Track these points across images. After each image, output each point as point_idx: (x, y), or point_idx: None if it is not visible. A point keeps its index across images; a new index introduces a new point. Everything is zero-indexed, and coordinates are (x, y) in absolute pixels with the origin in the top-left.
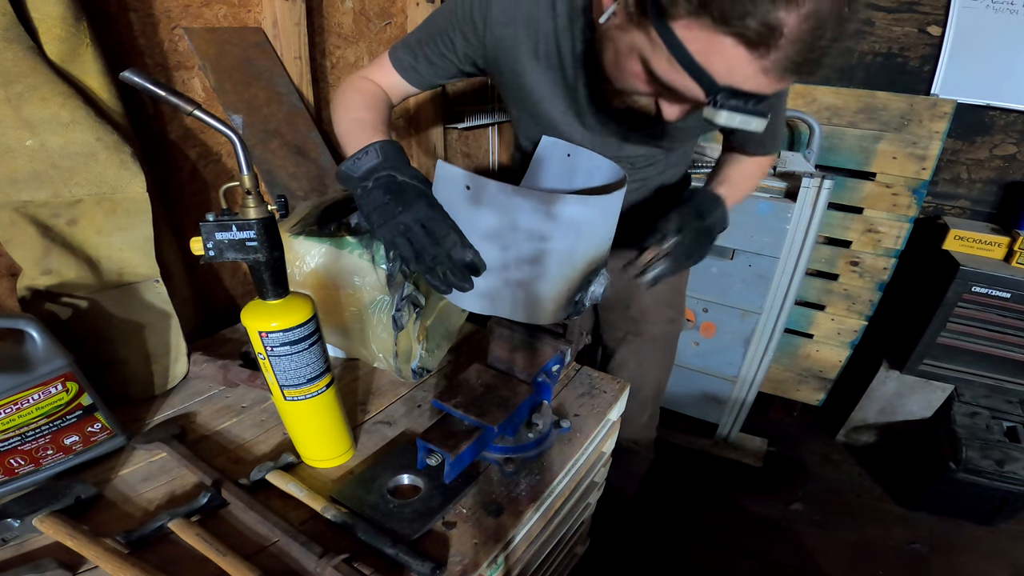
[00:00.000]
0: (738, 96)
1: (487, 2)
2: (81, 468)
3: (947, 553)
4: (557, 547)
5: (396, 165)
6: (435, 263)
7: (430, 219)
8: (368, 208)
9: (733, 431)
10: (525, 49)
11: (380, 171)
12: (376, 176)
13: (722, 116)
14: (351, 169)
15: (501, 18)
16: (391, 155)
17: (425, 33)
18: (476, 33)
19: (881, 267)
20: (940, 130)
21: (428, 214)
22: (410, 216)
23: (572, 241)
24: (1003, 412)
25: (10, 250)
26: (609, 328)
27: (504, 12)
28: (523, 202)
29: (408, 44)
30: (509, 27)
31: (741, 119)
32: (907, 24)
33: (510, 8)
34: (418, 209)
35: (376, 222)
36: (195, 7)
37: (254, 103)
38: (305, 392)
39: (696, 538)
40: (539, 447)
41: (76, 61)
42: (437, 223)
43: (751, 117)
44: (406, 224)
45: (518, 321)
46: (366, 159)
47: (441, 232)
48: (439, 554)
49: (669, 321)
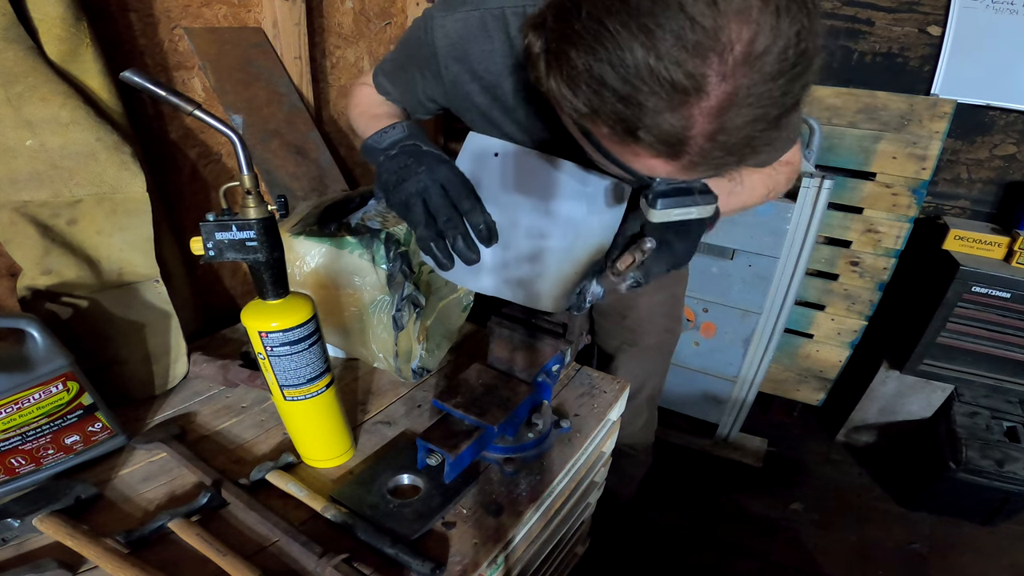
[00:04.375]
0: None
1: (432, 35)
2: (81, 468)
3: (947, 553)
4: (557, 547)
5: (422, 139)
6: (448, 226)
7: (450, 181)
8: (387, 172)
9: (733, 431)
10: (477, 87)
11: (405, 142)
12: (401, 145)
13: (656, 215)
14: (376, 141)
15: (449, 53)
16: (417, 132)
17: (395, 64)
18: (431, 68)
19: (881, 267)
20: (940, 130)
21: (449, 176)
22: (430, 177)
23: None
24: (1003, 412)
25: (10, 250)
26: (605, 335)
27: (451, 47)
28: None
29: (386, 71)
30: (461, 63)
31: (679, 212)
32: (907, 24)
33: (456, 43)
34: (440, 171)
35: (393, 183)
36: (195, 7)
37: (254, 103)
38: (305, 392)
39: (696, 538)
40: (539, 447)
41: (76, 61)
42: (457, 186)
43: (691, 208)
44: (425, 184)
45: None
46: (392, 132)
47: (461, 194)
48: (439, 554)
49: (666, 331)
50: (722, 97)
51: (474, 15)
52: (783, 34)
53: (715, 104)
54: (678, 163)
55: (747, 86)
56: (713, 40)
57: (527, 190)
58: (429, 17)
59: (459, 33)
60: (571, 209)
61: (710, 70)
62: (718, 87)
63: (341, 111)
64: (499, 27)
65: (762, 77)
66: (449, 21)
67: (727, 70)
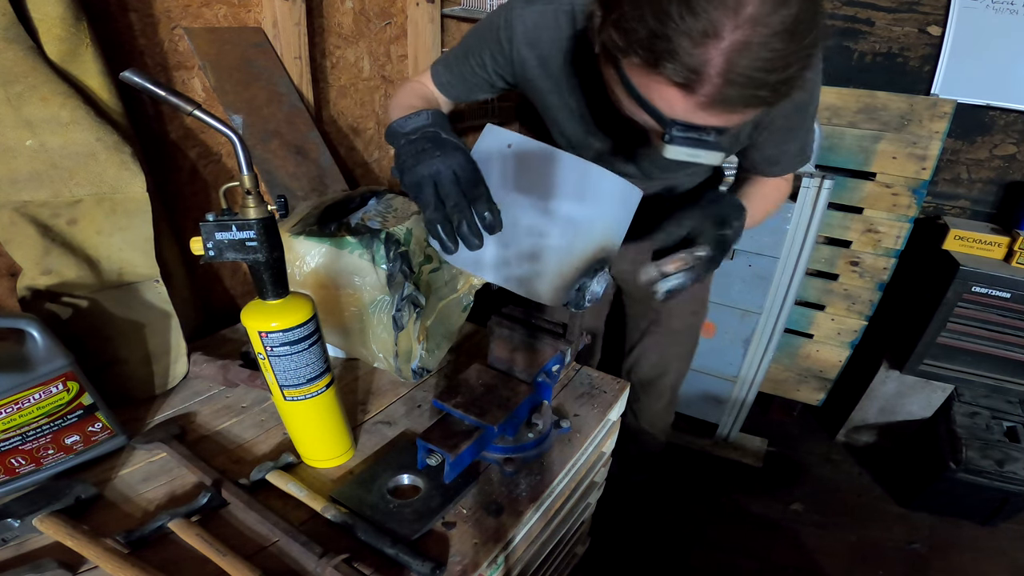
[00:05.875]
0: (692, 129)
1: (511, 24)
2: (81, 468)
3: (947, 553)
4: (557, 547)
5: (444, 127)
6: (455, 211)
7: (463, 168)
8: (405, 154)
9: (733, 431)
10: (543, 72)
11: (427, 129)
12: (423, 131)
13: (669, 150)
14: (400, 126)
15: (524, 39)
16: (440, 120)
17: (460, 52)
18: (503, 52)
19: (881, 267)
20: (940, 130)
21: (463, 164)
22: (444, 163)
23: (589, 215)
24: (1003, 412)
25: (10, 250)
26: (633, 318)
27: (526, 34)
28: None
29: (447, 61)
30: (533, 48)
31: (688, 152)
32: (907, 24)
33: (531, 31)
34: (454, 158)
35: (410, 165)
36: (195, 7)
37: (254, 103)
38: (305, 392)
39: (696, 538)
40: (539, 447)
41: (76, 61)
42: (469, 174)
43: (700, 150)
44: (439, 169)
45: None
46: (416, 119)
47: (471, 182)
48: (439, 554)
49: (692, 314)
50: (734, 41)
51: (549, 8)
52: (789, 5)
53: (727, 46)
54: (693, 99)
55: (754, 37)
56: (732, 1)
57: (536, 181)
58: (510, 8)
59: (535, 22)
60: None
61: (727, 19)
62: (731, 34)
63: (341, 111)
64: (567, 21)
65: (768, 31)
66: (528, 12)
67: (739, 22)
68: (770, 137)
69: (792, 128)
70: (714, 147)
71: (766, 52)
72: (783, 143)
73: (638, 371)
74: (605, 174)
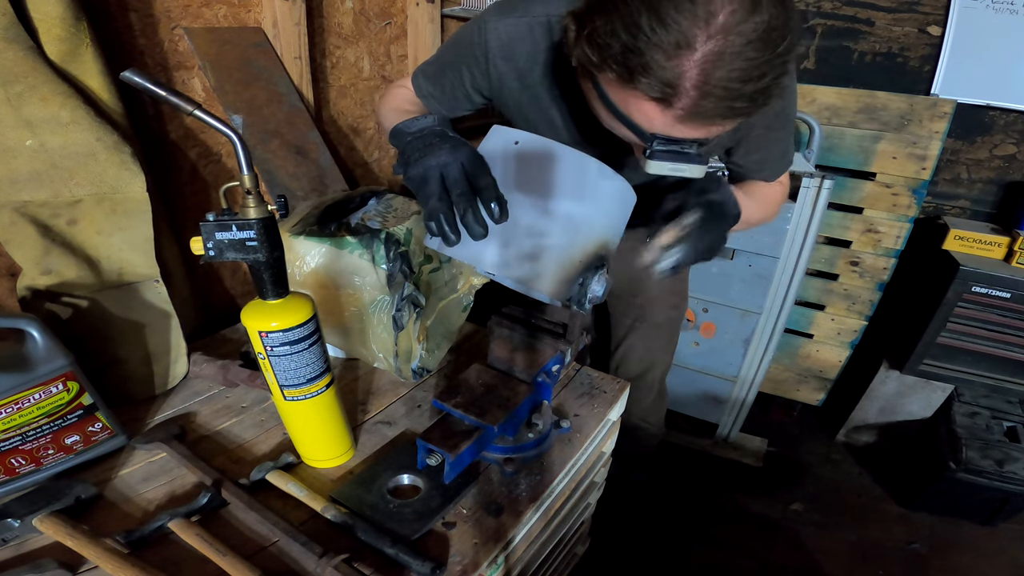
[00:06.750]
0: (674, 142)
1: (485, 38)
2: (81, 468)
3: (947, 553)
4: (557, 547)
5: (450, 127)
6: (460, 199)
7: (471, 160)
8: (412, 149)
9: (733, 431)
10: (521, 85)
11: (434, 127)
12: (430, 129)
13: (651, 166)
14: (406, 126)
15: (500, 53)
16: (445, 122)
17: (438, 67)
18: (480, 67)
19: (881, 267)
20: (940, 130)
21: (471, 156)
22: (452, 155)
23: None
24: (1003, 412)
25: (10, 250)
26: (617, 316)
27: (501, 48)
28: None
29: (426, 73)
30: (508, 62)
31: (671, 167)
32: (907, 24)
33: (506, 45)
34: (463, 152)
35: (416, 158)
36: (195, 7)
37: (254, 103)
38: (305, 392)
39: (696, 538)
40: (539, 447)
41: (76, 61)
42: (477, 165)
43: (682, 164)
44: (447, 160)
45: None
46: (423, 120)
47: (478, 173)
48: (439, 554)
49: (673, 307)
50: (707, 52)
51: (523, 21)
52: (761, 11)
53: (700, 58)
54: (671, 112)
55: (728, 47)
56: (703, 11)
57: (536, 178)
58: (483, 21)
59: (509, 36)
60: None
61: (698, 30)
62: (704, 45)
63: (341, 111)
64: (543, 33)
65: (742, 40)
66: (501, 25)
67: (711, 32)
68: (753, 144)
69: (774, 131)
70: (696, 160)
71: (741, 62)
72: (766, 148)
73: (625, 367)
74: (605, 170)
